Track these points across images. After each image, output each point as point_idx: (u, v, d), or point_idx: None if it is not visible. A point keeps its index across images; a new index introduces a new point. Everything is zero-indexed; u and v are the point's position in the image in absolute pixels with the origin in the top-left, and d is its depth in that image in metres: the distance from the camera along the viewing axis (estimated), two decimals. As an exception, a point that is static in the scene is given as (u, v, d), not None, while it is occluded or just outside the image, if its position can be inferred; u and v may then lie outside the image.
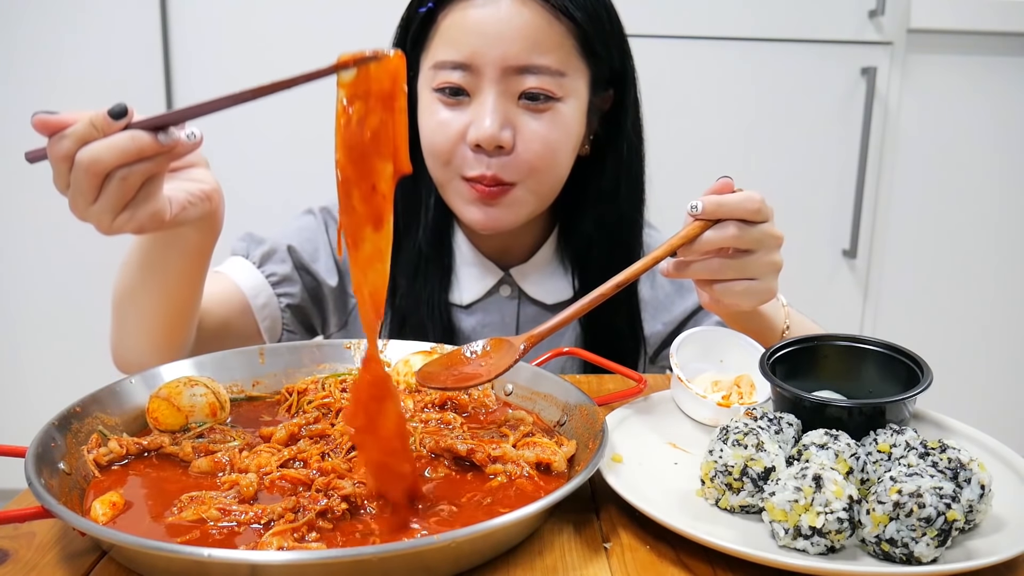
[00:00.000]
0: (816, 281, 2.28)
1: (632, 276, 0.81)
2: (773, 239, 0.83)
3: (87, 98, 2.14)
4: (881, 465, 0.66)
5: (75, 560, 0.61)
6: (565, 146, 1.05)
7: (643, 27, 2.13)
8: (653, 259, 0.81)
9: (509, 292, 1.17)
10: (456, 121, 1.02)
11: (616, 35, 1.07)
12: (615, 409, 0.81)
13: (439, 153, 1.04)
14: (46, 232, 2.21)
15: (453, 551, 0.57)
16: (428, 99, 1.04)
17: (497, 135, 0.99)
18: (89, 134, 0.70)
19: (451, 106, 1.02)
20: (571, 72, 1.02)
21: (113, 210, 0.74)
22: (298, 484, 0.67)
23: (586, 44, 1.02)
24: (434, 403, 0.83)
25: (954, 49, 2.19)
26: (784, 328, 1.01)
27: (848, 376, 0.79)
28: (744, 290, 0.84)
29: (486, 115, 0.99)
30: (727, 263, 0.82)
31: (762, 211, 0.81)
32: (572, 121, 1.04)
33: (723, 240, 0.81)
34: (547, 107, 1.01)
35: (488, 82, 0.99)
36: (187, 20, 2.12)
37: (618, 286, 0.81)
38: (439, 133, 1.03)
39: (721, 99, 2.19)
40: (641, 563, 0.61)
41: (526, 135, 1.01)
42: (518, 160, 1.02)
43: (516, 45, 0.98)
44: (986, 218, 2.31)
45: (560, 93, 1.01)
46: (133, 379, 0.81)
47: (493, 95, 1.00)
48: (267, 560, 0.54)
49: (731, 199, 0.80)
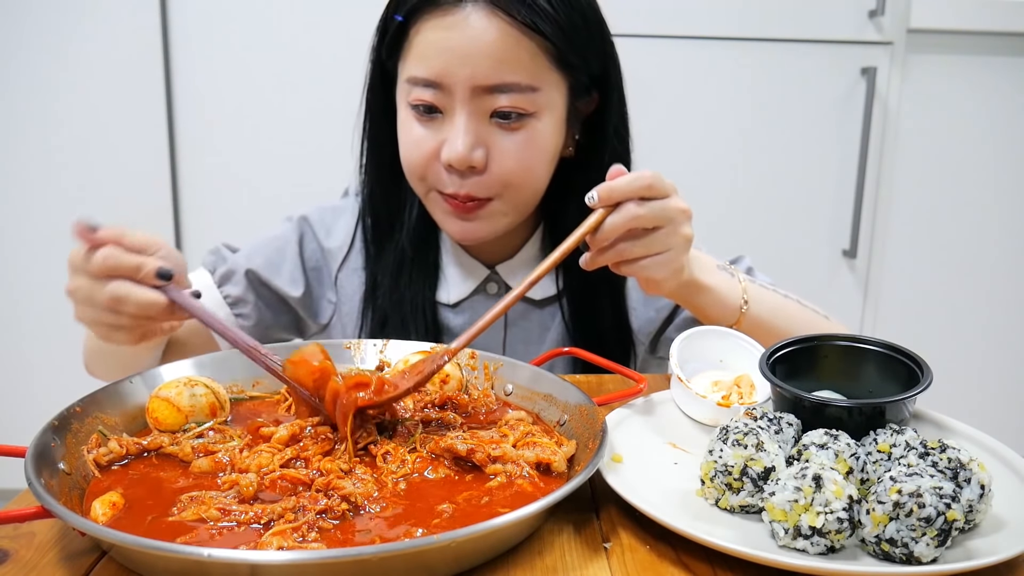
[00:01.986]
0: (816, 281, 2.28)
1: (542, 274, 0.83)
2: (679, 212, 0.87)
3: (87, 98, 2.14)
4: (881, 465, 0.66)
5: (75, 560, 0.61)
6: (540, 162, 1.03)
7: (643, 27, 2.13)
8: (561, 253, 0.84)
9: (496, 290, 1.17)
10: (430, 139, 1.01)
11: (595, 40, 1.04)
12: (615, 409, 0.81)
13: (414, 169, 1.04)
14: (46, 232, 2.21)
15: (453, 551, 0.57)
16: (404, 113, 1.04)
17: (468, 157, 0.98)
18: (132, 274, 0.79)
19: (425, 123, 1.01)
20: (545, 86, 1.00)
21: (110, 329, 0.82)
22: (298, 484, 0.67)
23: (559, 57, 0.99)
24: (434, 403, 0.83)
25: (954, 49, 2.19)
26: (742, 303, 0.99)
27: (848, 376, 0.79)
28: (651, 263, 0.87)
29: (457, 136, 0.98)
30: (633, 242, 0.86)
31: (655, 187, 0.84)
32: (548, 136, 1.02)
33: (624, 221, 0.84)
34: (520, 125, 1.00)
35: (459, 101, 0.98)
36: (187, 20, 2.12)
37: (530, 284, 0.83)
38: (414, 150, 1.03)
39: (721, 99, 2.19)
40: (641, 563, 0.61)
41: (499, 154, 1.00)
42: (491, 178, 1.01)
43: (484, 64, 0.96)
44: (986, 218, 2.31)
45: (533, 109, 0.99)
46: (133, 379, 0.81)
47: (464, 115, 0.98)
48: (267, 560, 0.54)
49: (621, 181, 0.84)
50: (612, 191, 0.84)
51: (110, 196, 2.20)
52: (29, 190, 2.19)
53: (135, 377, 0.81)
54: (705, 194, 2.19)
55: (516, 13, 0.95)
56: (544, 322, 1.17)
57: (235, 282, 1.13)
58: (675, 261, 0.88)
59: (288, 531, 0.59)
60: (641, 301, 1.17)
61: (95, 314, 0.81)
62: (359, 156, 1.15)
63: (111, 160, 2.18)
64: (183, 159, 2.20)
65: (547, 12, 0.96)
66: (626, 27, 2.13)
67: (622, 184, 0.84)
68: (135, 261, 0.78)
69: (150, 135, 2.16)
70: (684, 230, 0.88)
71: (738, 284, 1.00)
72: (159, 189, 2.19)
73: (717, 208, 2.20)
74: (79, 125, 2.16)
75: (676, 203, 0.87)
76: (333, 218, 1.21)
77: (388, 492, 0.67)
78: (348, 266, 1.18)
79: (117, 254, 0.78)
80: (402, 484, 0.68)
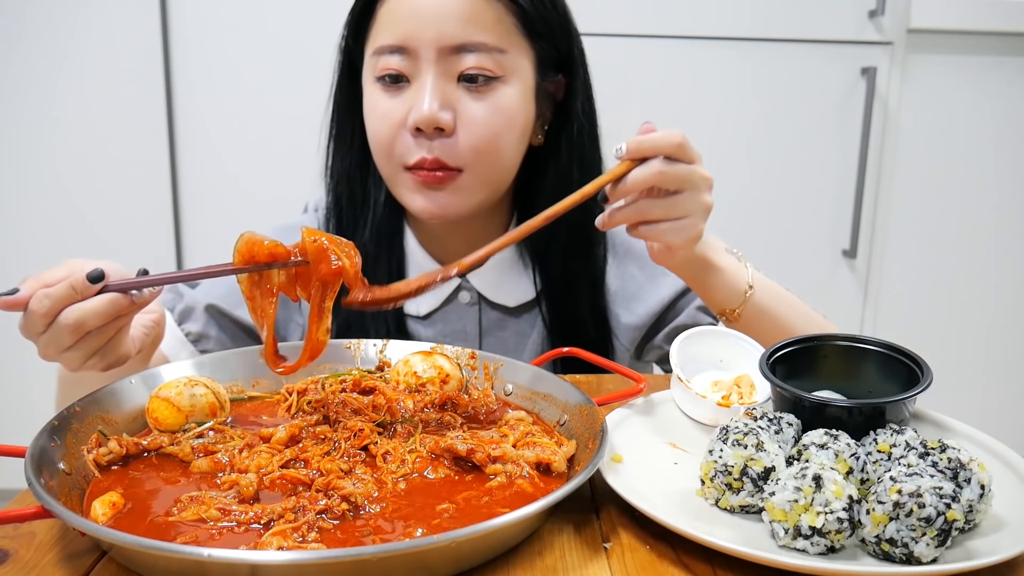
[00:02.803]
0: (816, 281, 2.28)
1: (563, 209, 0.84)
2: (702, 179, 0.87)
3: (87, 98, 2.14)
4: (881, 465, 0.66)
5: (75, 560, 0.61)
6: (509, 130, 1.02)
7: (643, 27, 2.13)
8: (582, 195, 0.84)
9: (468, 298, 1.14)
10: (397, 109, 1.00)
11: (559, 17, 1.05)
12: (615, 409, 0.81)
13: (382, 144, 1.03)
14: (47, 232, 2.21)
15: (453, 551, 0.57)
16: (370, 92, 1.04)
17: (435, 115, 0.97)
18: (70, 297, 0.75)
19: (392, 93, 1.01)
20: (512, 50, 1.00)
21: (85, 357, 0.80)
22: (298, 484, 0.67)
23: (527, 23, 1.01)
24: (434, 403, 0.83)
25: (954, 49, 2.19)
26: (747, 287, 0.98)
27: (848, 376, 0.79)
28: (669, 228, 0.87)
29: (424, 98, 0.98)
30: (654, 202, 0.86)
31: (685, 148, 0.85)
32: (516, 103, 1.02)
33: (649, 177, 0.84)
34: (488, 88, 1.00)
35: (426, 63, 0.98)
36: (187, 20, 2.12)
37: (548, 219, 0.83)
38: (381, 124, 1.02)
39: (721, 99, 2.19)
40: (641, 563, 0.61)
41: (467, 118, 0.99)
42: (460, 144, 1.00)
43: (451, 23, 0.97)
44: (986, 218, 2.31)
45: (500, 72, 1.00)
46: (133, 379, 0.81)
47: (431, 76, 0.98)
48: (267, 560, 0.54)
49: (652, 136, 0.85)
50: (642, 144, 0.84)
51: (110, 196, 2.20)
52: (29, 190, 2.19)
53: (135, 377, 0.81)
54: (705, 194, 2.19)
55: None
56: (522, 331, 1.14)
57: (195, 318, 1.11)
58: (693, 228, 0.88)
59: (288, 531, 0.59)
60: (623, 304, 1.14)
61: (73, 353, 0.78)
62: (324, 158, 1.13)
63: (111, 160, 2.18)
64: (183, 159, 2.20)
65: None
66: (626, 27, 2.13)
67: (654, 138, 0.84)
68: (62, 287, 0.75)
69: (150, 135, 2.16)
70: (705, 198, 0.88)
71: (744, 269, 1.00)
72: (159, 189, 2.19)
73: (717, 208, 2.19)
74: (79, 125, 2.16)
75: (701, 170, 0.87)
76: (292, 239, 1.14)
77: (388, 492, 0.67)
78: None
79: (44, 293, 0.75)
80: (402, 484, 0.68)
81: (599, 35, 2.12)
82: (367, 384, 0.85)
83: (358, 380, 0.86)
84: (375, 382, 0.86)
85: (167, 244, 2.23)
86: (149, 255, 2.22)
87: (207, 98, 2.16)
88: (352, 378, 0.86)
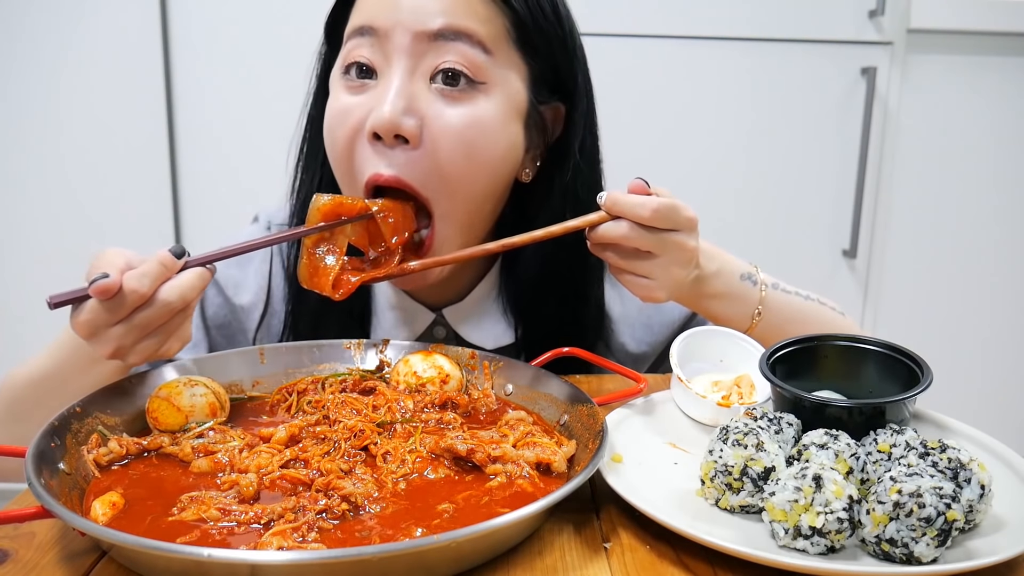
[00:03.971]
0: (816, 281, 2.28)
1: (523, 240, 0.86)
2: (678, 249, 0.83)
3: (87, 98, 2.14)
4: (881, 465, 0.66)
5: (75, 560, 0.61)
6: (486, 149, 0.87)
7: (643, 27, 2.13)
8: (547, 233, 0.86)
9: (444, 334, 1.03)
10: (357, 108, 0.86)
11: (562, 34, 0.92)
12: (615, 409, 0.81)
13: (338, 152, 0.89)
14: (47, 232, 2.21)
15: (453, 551, 0.57)
16: (334, 89, 0.90)
17: (397, 120, 0.83)
18: (164, 274, 0.73)
19: (355, 90, 0.87)
20: (500, 56, 0.86)
21: (161, 343, 0.76)
22: (298, 484, 0.67)
23: (522, 31, 0.87)
24: (434, 403, 0.83)
25: (954, 49, 2.19)
26: (754, 314, 0.95)
27: (848, 376, 0.79)
28: (633, 281, 0.86)
29: (387, 99, 0.83)
30: (622, 255, 0.85)
31: (658, 219, 0.81)
32: (497, 119, 0.87)
33: (614, 236, 0.83)
34: (465, 95, 0.85)
35: (398, 53, 0.84)
36: (187, 20, 2.12)
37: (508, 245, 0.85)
38: (337, 124, 0.88)
39: (721, 99, 2.19)
40: (641, 563, 0.61)
41: (436, 127, 0.85)
42: (424, 160, 0.86)
43: (431, 5, 0.83)
44: (986, 218, 2.31)
45: (483, 78, 0.85)
46: (133, 379, 0.81)
47: (401, 72, 0.84)
48: (267, 560, 0.54)
49: (627, 199, 0.82)
50: (616, 204, 0.82)
51: (110, 196, 2.20)
52: (29, 190, 2.19)
53: (135, 377, 0.81)
54: (705, 194, 2.19)
55: None
56: None
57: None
58: (655, 291, 0.86)
59: (288, 531, 0.59)
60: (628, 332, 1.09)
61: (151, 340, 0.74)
62: (292, 178, 1.02)
63: (111, 160, 2.18)
64: (183, 159, 2.20)
65: None
66: (626, 27, 2.13)
67: (630, 202, 0.81)
68: (153, 264, 0.72)
69: (150, 135, 2.17)
70: (675, 269, 0.85)
71: (757, 294, 0.95)
72: (159, 189, 2.19)
73: (717, 208, 2.20)
74: (79, 125, 2.16)
75: (680, 239, 0.83)
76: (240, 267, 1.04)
77: (388, 492, 0.67)
78: (271, 320, 1.04)
79: (139, 273, 0.71)
80: (402, 484, 0.68)
81: (599, 35, 2.12)
82: (367, 384, 0.85)
83: (358, 380, 0.86)
84: (375, 382, 0.86)
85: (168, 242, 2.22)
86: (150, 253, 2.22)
87: (207, 98, 2.16)
88: (352, 378, 0.86)
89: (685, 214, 0.83)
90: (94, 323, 0.72)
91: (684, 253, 0.84)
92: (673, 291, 0.88)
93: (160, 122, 2.16)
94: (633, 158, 2.15)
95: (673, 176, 2.20)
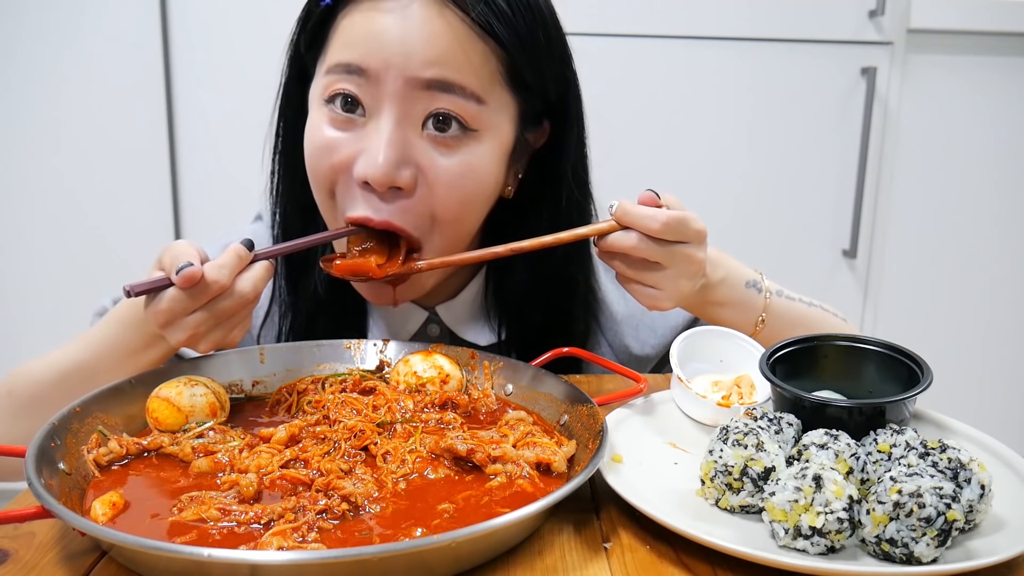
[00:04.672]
0: (816, 281, 2.28)
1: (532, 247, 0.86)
2: (687, 262, 0.83)
3: (87, 98, 2.14)
4: (881, 465, 0.66)
5: (75, 560, 0.61)
6: (478, 194, 0.89)
7: (643, 27, 2.13)
8: (556, 239, 0.86)
9: (438, 332, 1.04)
10: (344, 146, 0.85)
11: (556, 60, 0.91)
12: (615, 409, 0.81)
13: (320, 184, 0.88)
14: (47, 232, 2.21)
15: (453, 551, 0.57)
16: (316, 114, 0.88)
17: (392, 174, 0.83)
18: (239, 265, 0.78)
19: (341, 125, 0.85)
20: (492, 102, 0.85)
21: (229, 330, 0.81)
22: (298, 484, 0.67)
23: (513, 71, 0.86)
24: (434, 403, 0.83)
25: (954, 49, 2.19)
26: (757, 321, 0.96)
27: (848, 376, 0.79)
28: (640, 290, 0.86)
29: (380, 147, 0.82)
30: (631, 264, 0.85)
31: (668, 232, 0.81)
32: (489, 167, 0.88)
33: (623, 246, 0.83)
34: (459, 143, 0.85)
35: (388, 97, 0.82)
36: (187, 20, 2.12)
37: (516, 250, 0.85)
38: (322, 158, 0.86)
39: (721, 99, 2.19)
40: (641, 563, 0.61)
41: (432, 176, 0.85)
42: (418, 207, 0.86)
43: (425, 52, 0.81)
44: (986, 218, 2.31)
45: (476, 125, 0.85)
46: (133, 379, 0.81)
47: (393, 119, 0.83)
48: (267, 560, 0.54)
49: (637, 211, 0.81)
50: (626, 215, 0.82)
51: (110, 196, 2.20)
52: (29, 190, 2.19)
53: (135, 377, 0.81)
54: (705, 194, 2.19)
55: (470, 9, 0.82)
56: None
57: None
58: (662, 301, 0.86)
59: (288, 531, 0.59)
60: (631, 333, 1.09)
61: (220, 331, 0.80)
62: (269, 175, 1.01)
63: (111, 160, 2.18)
64: (183, 159, 2.20)
65: (506, 15, 0.83)
66: (626, 27, 2.13)
67: (636, 214, 0.81)
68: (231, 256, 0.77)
69: (150, 135, 2.16)
70: (682, 281, 0.85)
71: (761, 301, 0.96)
72: (159, 189, 2.19)
73: (717, 208, 2.20)
74: (79, 125, 2.16)
75: (688, 252, 0.83)
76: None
77: (388, 492, 0.67)
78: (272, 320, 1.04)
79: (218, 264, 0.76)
80: (402, 484, 0.68)
81: (599, 35, 2.12)
82: (367, 384, 0.85)
83: (358, 380, 0.86)
84: (375, 382, 0.86)
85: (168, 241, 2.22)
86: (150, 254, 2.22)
87: (207, 98, 2.16)
88: (352, 378, 0.86)
89: (694, 226, 0.83)
90: (174, 311, 0.77)
91: (692, 265, 0.84)
92: (679, 301, 0.88)
93: (160, 122, 2.16)
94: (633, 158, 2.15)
95: (673, 176, 2.20)
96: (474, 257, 0.89)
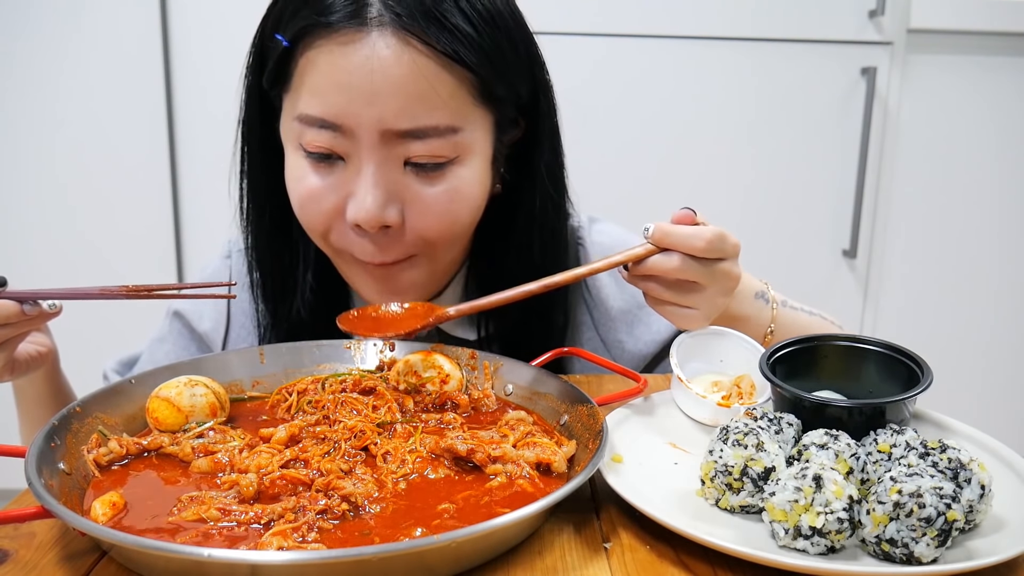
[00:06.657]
0: (816, 281, 2.28)
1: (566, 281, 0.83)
2: (726, 278, 0.82)
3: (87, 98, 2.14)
4: (881, 465, 0.66)
5: (75, 560, 0.61)
6: (467, 212, 0.90)
7: (643, 27, 2.13)
8: (590, 270, 0.83)
9: (426, 334, 1.03)
10: (331, 192, 0.86)
11: (524, 65, 0.90)
12: (615, 409, 0.81)
13: (313, 228, 0.90)
14: (46, 232, 2.21)
15: (453, 551, 0.57)
16: (295, 159, 0.88)
17: (380, 216, 0.84)
18: None
19: (323, 171, 0.86)
20: (467, 125, 0.86)
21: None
22: (298, 484, 0.67)
23: (484, 90, 0.85)
24: (434, 403, 0.83)
25: (954, 49, 2.19)
26: (767, 331, 0.96)
27: (848, 376, 0.79)
28: (676, 312, 0.84)
29: (366, 191, 0.83)
30: (670, 288, 0.83)
31: (710, 249, 0.79)
32: (473, 183, 0.89)
33: (665, 269, 0.81)
34: (441, 174, 0.86)
35: (366, 148, 0.83)
36: (187, 20, 2.12)
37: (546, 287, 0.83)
38: (311, 207, 0.88)
39: (721, 99, 2.19)
40: (641, 563, 0.61)
41: (418, 207, 0.86)
42: (409, 236, 0.88)
43: (395, 103, 0.80)
44: (986, 218, 2.31)
45: (454, 153, 0.86)
46: (133, 379, 0.81)
47: (372, 165, 0.83)
48: (267, 560, 0.54)
49: (679, 231, 0.80)
50: (667, 236, 0.80)
51: (110, 196, 2.20)
52: (29, 190, 2.19)
53: (135, 377, 0.81)
54: (705, 194, 2.19)
55: (434, 41, 0.80)
56: None
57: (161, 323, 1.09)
58: (698, 321, 0.85)
59: (288, 531, 0.59)
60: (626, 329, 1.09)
61: None
62: (238, 201, 1.01)
63: (111, 160, 2.18)
64: (183, 159, 2.20)
65: (470, 38, 0.82)
66: (626, 27, 2.13)
67: (683, 234, 0.80)
68: None
69: (150, 135, 2.17)
70: (720, 298, 0.84)
71: (770, 313, 0.97)
72: (159, 189, 2.19)
73: (717, 208, 2.20)
74: (79, 125, 2.16)
75: (727, 268, 0.82)
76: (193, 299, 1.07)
77: (388, 492, 0.67)
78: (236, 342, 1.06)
79: None
80: (402, 484, 0.68)
81: (598, 35, 2.12)
82: (367, 384, 0.85)
83: (358, 380, 0.86)
84: (375, 382, 0.86)
85: (168, 242, 2.23)
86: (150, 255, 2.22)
87: (207, 98, 2.16)
88: (352, 378, 0.86)
89: (731, 241, 0.82)
90: None
91: (730, 281, 0.84)
92: (713, 318, 0.87)
93: (160, 123, 2.16)
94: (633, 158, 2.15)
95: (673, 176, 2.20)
96: (506, 298, 0.84)
